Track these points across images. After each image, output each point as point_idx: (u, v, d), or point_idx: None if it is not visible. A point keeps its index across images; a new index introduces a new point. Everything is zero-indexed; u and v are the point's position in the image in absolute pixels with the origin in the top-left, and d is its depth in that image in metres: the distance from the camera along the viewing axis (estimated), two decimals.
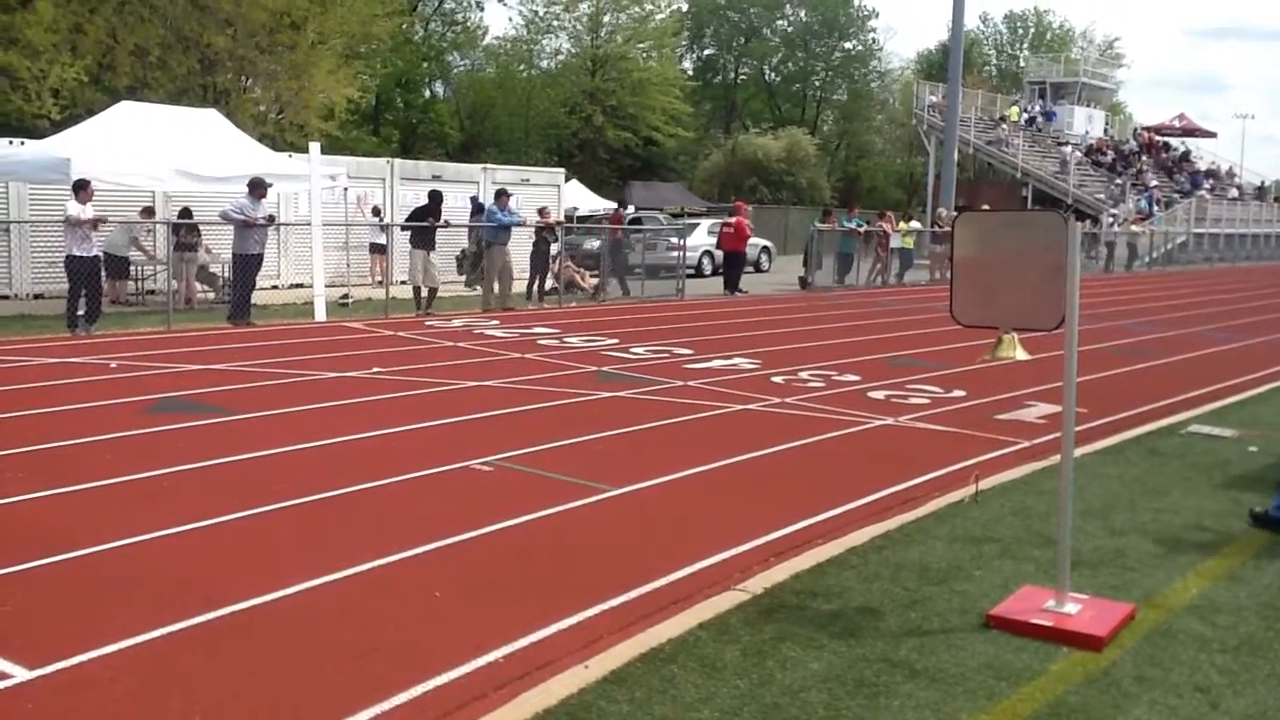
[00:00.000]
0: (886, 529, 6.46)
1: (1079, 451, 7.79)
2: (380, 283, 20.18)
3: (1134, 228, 39.20)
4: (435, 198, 18.99)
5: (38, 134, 20.71)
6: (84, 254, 14.49)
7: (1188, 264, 42.62)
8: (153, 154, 16.33)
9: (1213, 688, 4.42)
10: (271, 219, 16.82)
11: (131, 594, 5.19)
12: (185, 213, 18.46)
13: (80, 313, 14.49)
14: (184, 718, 4.02)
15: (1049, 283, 4.91)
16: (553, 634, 4.83)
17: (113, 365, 11.79)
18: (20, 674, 4.31)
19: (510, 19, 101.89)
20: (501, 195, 19.49)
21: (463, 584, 5.46)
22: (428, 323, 16.71)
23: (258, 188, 15.98)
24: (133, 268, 18.60)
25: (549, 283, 20.97)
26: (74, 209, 14.51)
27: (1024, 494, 7.29)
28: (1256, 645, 4.86)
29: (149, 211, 18.61)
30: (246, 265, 16.04)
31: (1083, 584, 5.41)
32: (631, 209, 28.62)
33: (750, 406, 10.33)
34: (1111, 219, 38.38)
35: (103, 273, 15.54)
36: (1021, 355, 5.32)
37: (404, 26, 44.62)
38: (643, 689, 4.29)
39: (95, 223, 14.75)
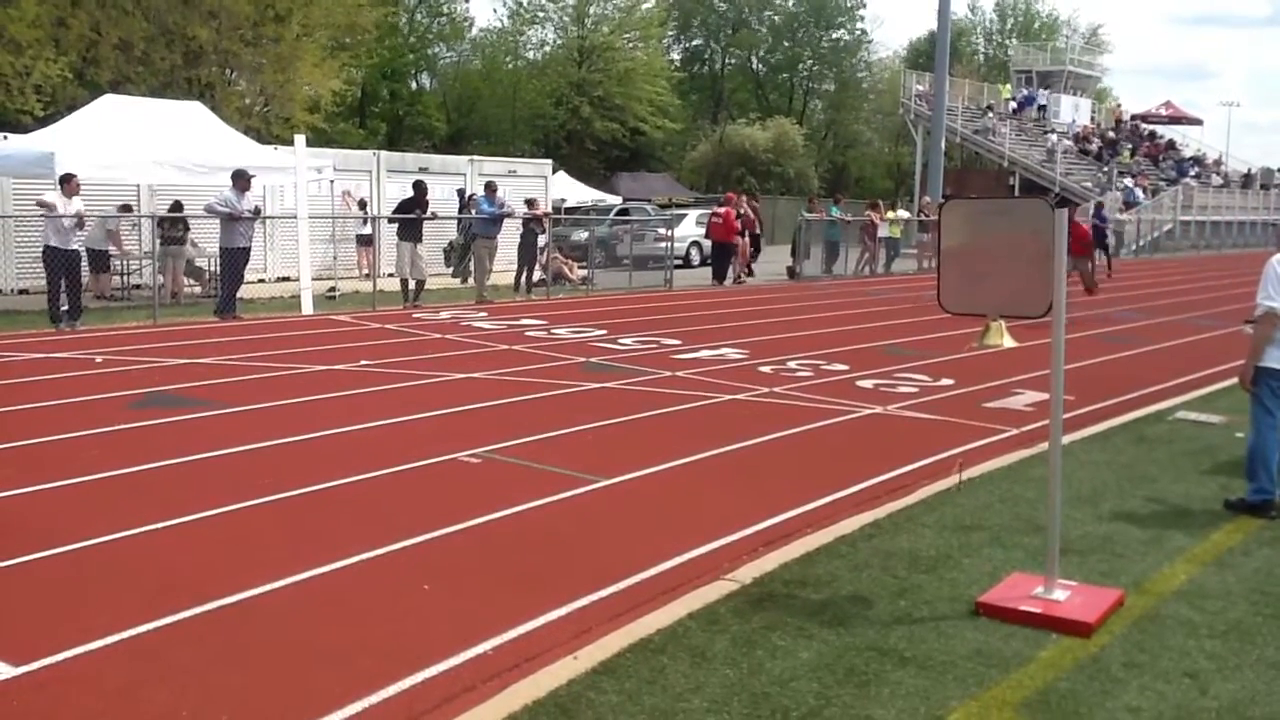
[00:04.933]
0: (875, 518, 6.46)
1: (1067, 439, 7.80)
2: (367, 275, 20.12)
3: (1120, 215, 39.25)
4: (420, 188, 18.91)
5: (20, 130, 20.57)
6: (61, 246, 14.38)
7: (1174, 251, 42.73)
8: (137, 147, 16.24)
9: (1201, 673, 4.43)
10: (257, 211, 16.73)
11: (118, 589, 5.17)
12: (176, 206, 18.35)
13: (64, 307, 14.41)
14: (171, 713, 4.00)
15: (1036, 270, 4.90)
16: (542, 625, 4.82)
17: (98, 360, 11.73)
18: (4, 671, 4.27)
19: (495, 10, 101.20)
20: (490, 187, 19.59)
21: (452, 576, 5.45)
22: (415, 315, 16.66)
23: (240, 179, 15.89)
24: (116, 262, 18.49)
25: (536, 274, 20.93)
26: (50, 197, 14.42)
27: (1012, 482, 7.30)
28: (1245, 630, 4.87)
29: (126, 208, 18.51)
30: (233, 259, 15.96)
31: (1071, 571, 5.42)
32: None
33: (738, 396, 10.32)
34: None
35: (84, 267, 15.42)
36: (1009, 343, 5.34)
37: (388, 17, 44.45)
38: (632, 680, 4.28)
39: (80, 218, 14.64)
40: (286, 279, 20.21)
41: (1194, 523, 6.49)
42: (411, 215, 18.36)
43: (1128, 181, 45.99)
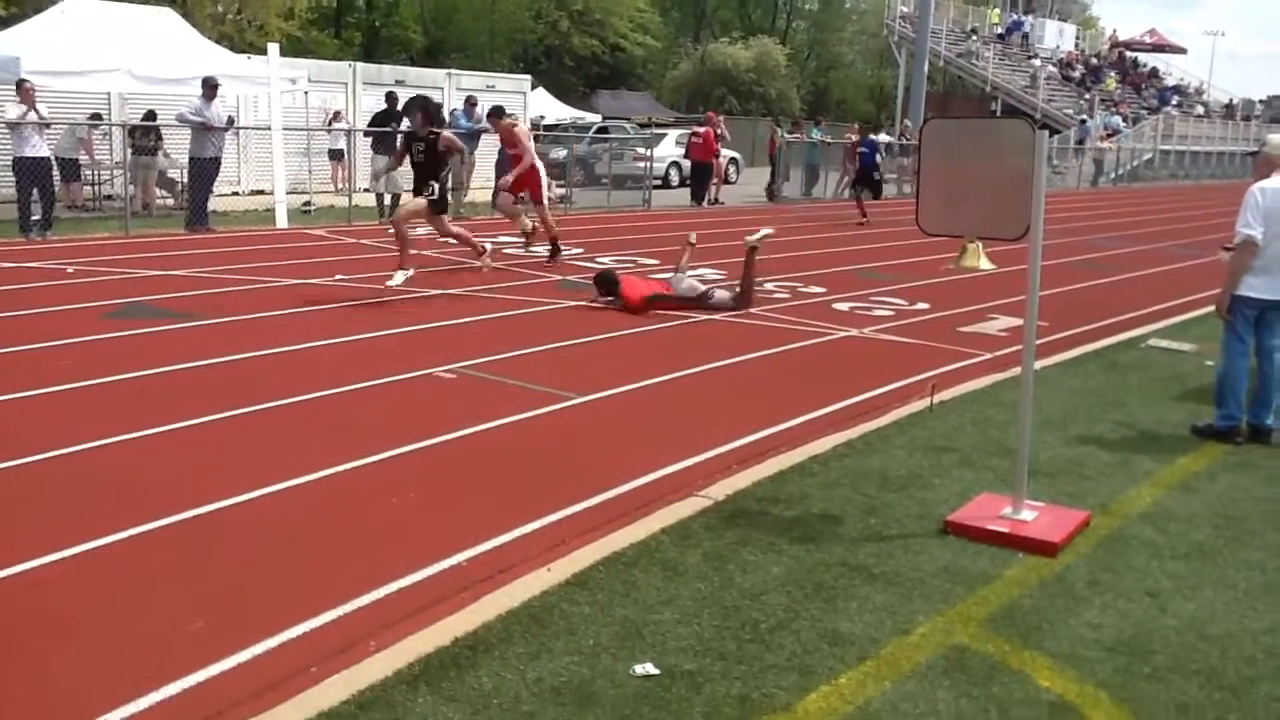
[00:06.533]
0: (848, 438, 6.51)
1: (1039, 364, 7.85)
2: (341, 190, 19.87)
3: (1100, 144, 39.15)
4: (391, 99, 18.59)
5: None
6: (32, 154, 14.13)
7: (1153, 181, 42.71)
8: (107, 54, 15.86)
9: (1162, 592, 4.53)
10: (231, 122, 16.44)
11: (92, 498, 5.17)
12: (150, 115, 17.99)
13: (35, 217, 14.19)
14: (145, 618, 4.02)
15: (1015, 192, 4.89)
16: (516, 538, 4.86)
17: (70, 270, 11.59)
18: None
19: None
20: (469, 102, 19.37)
21: (426, 489, 5.47)
22: (390, 230, 16.47)
23: (207, 85, 15.58)
24: (87, 172, 18.17)
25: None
26: (14, 112, 14.15)
27: (984, 405, 7.36)
28: (1206, 552, 4.97)
29: (96, 117, 18.14)
30: (203, 169, 15.72)
31: (1040, 492, 5.50)
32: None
33: (715, 317, 10.33)
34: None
35: (55, 176, 15.16)
36: (986, 266, 5.34)
37: None
38: (604, 591, 4.34)
39: (43, 125, 14.35)
40: (260, 192, 19.93)
41: (1161, 447, 6.58)
42: (387, 128, 18.09)
43: (1084, 118, 45.09)
